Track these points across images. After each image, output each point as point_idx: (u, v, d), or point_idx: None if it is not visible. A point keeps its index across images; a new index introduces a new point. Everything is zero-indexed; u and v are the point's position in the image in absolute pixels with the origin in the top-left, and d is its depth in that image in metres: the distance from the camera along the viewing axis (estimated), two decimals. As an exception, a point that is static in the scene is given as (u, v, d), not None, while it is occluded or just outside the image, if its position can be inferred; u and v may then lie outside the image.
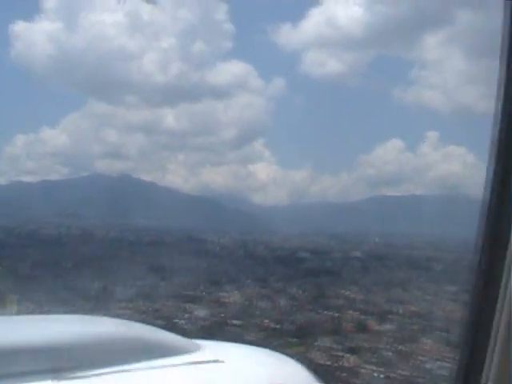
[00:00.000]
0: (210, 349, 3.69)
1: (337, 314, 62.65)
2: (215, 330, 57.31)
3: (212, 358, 3.54)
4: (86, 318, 3.80)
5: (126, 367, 3.22)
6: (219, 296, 67.61)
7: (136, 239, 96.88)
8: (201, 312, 63.17)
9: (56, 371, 3.04)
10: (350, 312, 62.64)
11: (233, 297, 65.77)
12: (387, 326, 62.41)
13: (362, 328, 61.52)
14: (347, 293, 68.85)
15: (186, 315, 60.90)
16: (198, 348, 3.65)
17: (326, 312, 64.25)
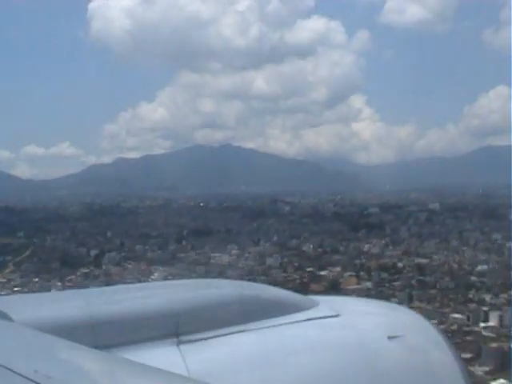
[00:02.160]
0: (327, 304, 3.70)
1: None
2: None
3: (328, 314, 3.58)
4: (203, 281, 3.88)
5: (245, 327, 3.32)
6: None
7: (237, 206, 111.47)
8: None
9: (179, 335, 3.17)
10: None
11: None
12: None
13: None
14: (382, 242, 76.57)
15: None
16: (315, 304, 3.67)
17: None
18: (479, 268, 70.50)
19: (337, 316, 3.57)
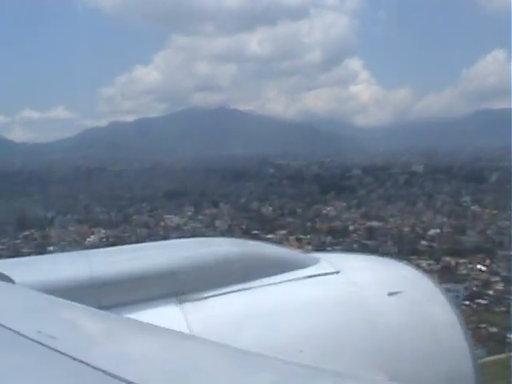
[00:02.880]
0: (327, 261, 3.71)
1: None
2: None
3: (329, 271, 3.59)
4: (204, 240, 3.85)
5: (246, 285, 3.33)
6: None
7: (224, 169, 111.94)
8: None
9: (180, 294, 3.20)
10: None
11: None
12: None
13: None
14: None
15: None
16: (315, 261, 3.68)
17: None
18: (431, 232, 69.27)
19: (337, 273, 3.59)
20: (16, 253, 54.69)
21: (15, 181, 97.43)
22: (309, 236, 70.08)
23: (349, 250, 61.68)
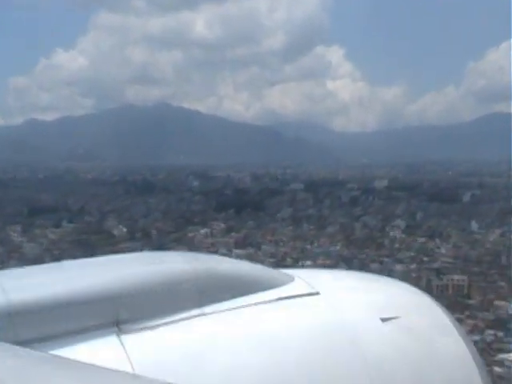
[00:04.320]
0: (304, 279, 3.53)
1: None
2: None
3: (306, 291, 3.42)
4: (150, 255, 3.53)
5: (203, 310, 3.13)
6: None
7: (143, 181, 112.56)
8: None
9: (120, 323, 2.99)
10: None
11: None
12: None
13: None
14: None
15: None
16: (289, 279, 3.48)
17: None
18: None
19: (316, 294, 3.47)
20: None
21: None
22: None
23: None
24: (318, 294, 3.34)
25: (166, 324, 2.98)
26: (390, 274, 48.47)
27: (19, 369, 1.98)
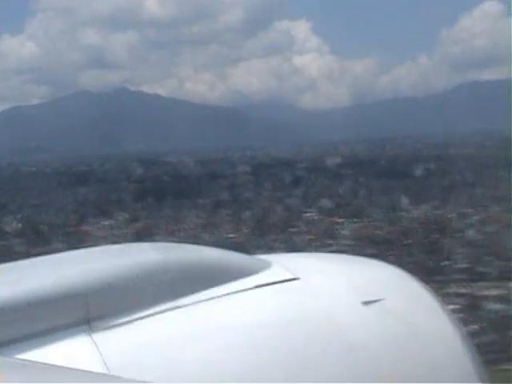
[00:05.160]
0: (282, 264, 3.57)
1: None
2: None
3: (284, 277, 3.45)
4: (118, 247, 3.53)
5: (178, 302, 3.14)
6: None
7: (89, 171, 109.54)
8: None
9: (92, 320, 2.99)
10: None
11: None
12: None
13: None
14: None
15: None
16: (266, 265, 3.52)
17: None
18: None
19: (296, 279, 3.50)
20: None
21: None
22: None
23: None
24: (297, 279, 3.31)
25: (139, 319, 2.93)
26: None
27: None
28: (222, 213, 76.51)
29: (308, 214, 73.62)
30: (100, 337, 2.86)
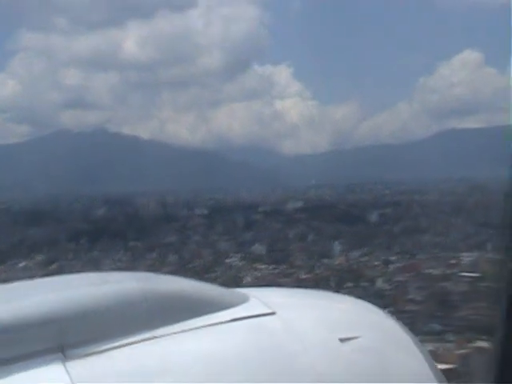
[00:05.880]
0: (259, 298, 3.61)
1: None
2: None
3: (261, 311, 3.50)
4: (96, 276, 3.51)
5: (153, 333, 3.17)
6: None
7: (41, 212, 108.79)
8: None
9: (65, 348, 2.98)
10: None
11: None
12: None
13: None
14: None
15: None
16: (243, 299, 3.58)
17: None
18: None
19: (272, 314, 3.52)
20: None
21: None
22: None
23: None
24: (273, 313, 3.36)
25: (114, 348, 2.92)
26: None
27: None
28: (147, 256, 75.67)
29: (231, 260, 73.47)
30: (73, 365, 2.82)
